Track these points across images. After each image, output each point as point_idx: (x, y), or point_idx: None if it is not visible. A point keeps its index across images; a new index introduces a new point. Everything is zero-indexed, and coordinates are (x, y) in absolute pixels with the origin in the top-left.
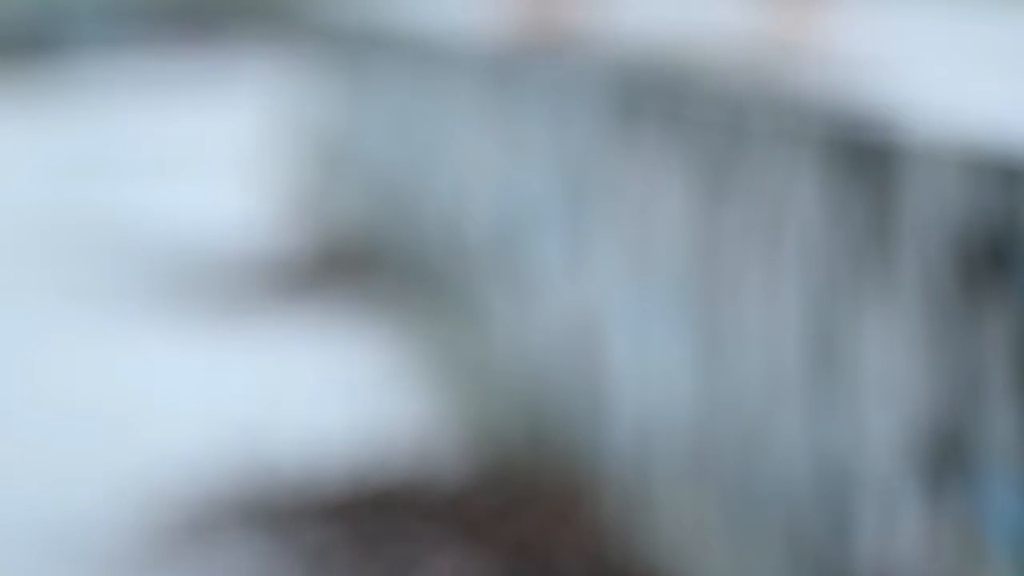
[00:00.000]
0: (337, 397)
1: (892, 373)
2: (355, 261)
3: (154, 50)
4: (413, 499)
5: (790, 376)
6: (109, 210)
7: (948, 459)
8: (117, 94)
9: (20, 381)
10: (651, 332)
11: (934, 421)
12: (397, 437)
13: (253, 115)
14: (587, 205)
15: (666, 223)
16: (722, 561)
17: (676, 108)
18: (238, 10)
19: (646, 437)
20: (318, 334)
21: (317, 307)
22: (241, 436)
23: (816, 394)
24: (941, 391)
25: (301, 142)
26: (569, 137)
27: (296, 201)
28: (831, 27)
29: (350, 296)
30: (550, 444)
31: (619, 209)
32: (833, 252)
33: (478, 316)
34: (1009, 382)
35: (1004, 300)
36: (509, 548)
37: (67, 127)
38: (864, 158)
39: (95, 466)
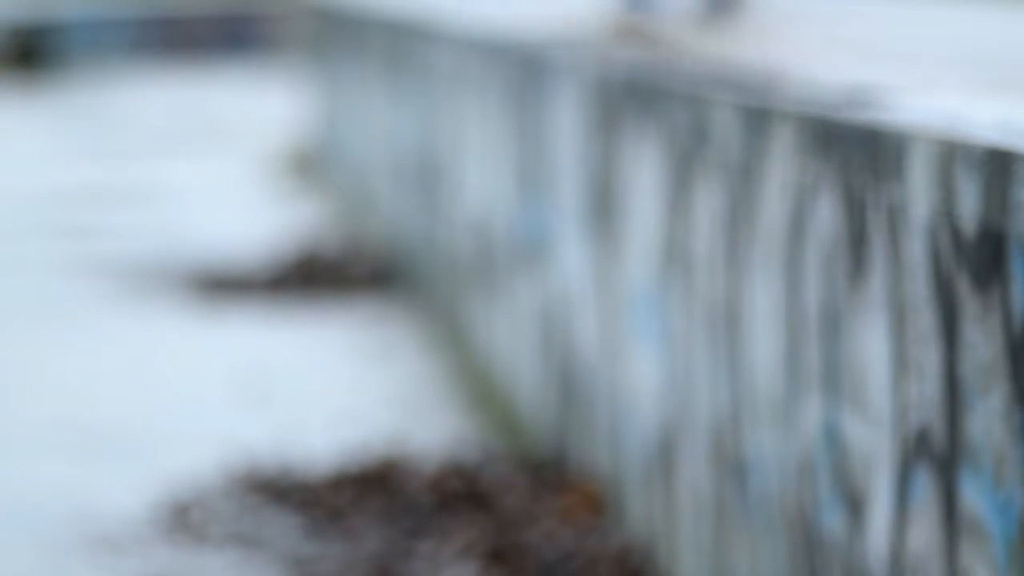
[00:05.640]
0: (344, 398)
1: (884, 366)
2: (365, 259)
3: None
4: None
5: (778, 370)
6: (110, 211)
7: (942, 455)
8: (114, 95)
9: (21, 366)
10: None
11: (926, 416)
12: (415, 432)
13: (255, 114)
14: (589, 202)
15: (640, 214)
16: (723, 553)
17: (653, 96)
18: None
19: (660, 432)
20: (322, 331)
21: (319, 306)
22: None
23: (806, 389)
24: (934, 384)
25: (309, 138)
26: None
27: (300, 201)
28: None
29: (356, 296)
30: (570, 438)
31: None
32: (815, 240)
33: (490, 315)
34: (1004, 376)
35: (999, 292)
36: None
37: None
38: (845, 142)
39: (104, 448)
